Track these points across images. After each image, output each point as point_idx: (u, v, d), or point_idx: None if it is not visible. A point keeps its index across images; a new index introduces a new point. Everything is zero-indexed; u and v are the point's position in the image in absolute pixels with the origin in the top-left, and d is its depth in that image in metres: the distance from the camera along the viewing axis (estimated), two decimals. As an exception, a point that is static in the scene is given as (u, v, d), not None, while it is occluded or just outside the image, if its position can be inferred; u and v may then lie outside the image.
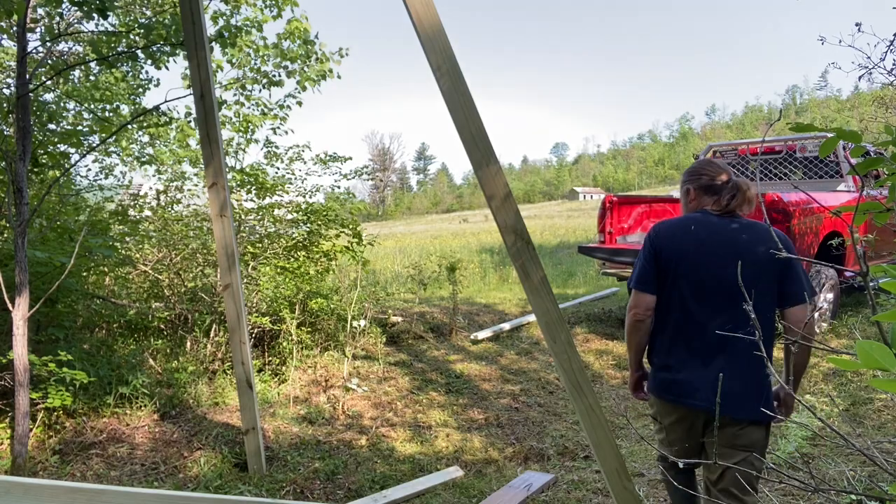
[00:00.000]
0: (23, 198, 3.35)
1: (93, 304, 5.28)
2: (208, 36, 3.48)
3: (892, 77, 3.23)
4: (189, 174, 6.44)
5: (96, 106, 5.54)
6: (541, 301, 2.39)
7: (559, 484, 3.58)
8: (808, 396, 4.62)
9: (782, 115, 1.73)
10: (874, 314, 0.81)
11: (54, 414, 4.06)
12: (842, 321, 6.33)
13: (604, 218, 6.85)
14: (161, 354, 5.12)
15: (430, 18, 2.35)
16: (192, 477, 3.70)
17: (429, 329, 6.91)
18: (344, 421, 4.65)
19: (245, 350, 3.61)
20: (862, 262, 0.93)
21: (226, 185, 3.47)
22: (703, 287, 2.11)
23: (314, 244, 6.19)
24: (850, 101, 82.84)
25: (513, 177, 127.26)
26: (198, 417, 4.44)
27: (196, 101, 3.35)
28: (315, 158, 6.37)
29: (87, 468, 3.68)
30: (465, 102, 2.36)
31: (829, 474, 3.25)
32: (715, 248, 2.11)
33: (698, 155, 8.44)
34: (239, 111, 6.50)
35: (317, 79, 6.58)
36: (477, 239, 23.66)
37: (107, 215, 5.34)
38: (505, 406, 5.02)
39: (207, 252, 5.70)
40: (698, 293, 2.12)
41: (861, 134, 1.29)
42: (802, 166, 7.30)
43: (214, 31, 4.92)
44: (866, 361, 0.72)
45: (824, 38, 3.11)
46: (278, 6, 6.06)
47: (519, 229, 2.39)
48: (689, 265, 2.13)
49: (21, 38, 3.47)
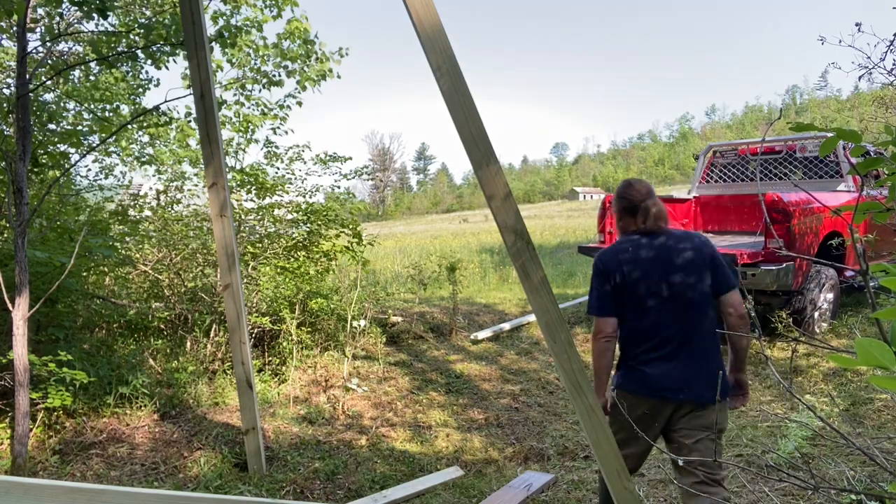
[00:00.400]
0: (23, 198, 3.35)
1: (93, 304, 5.28)
2: (208, 36, 3.48)
3: (892, 77, 3.23)
4: (189, 174, 6.44)
5: (96, 106, 5.54)
6: (541, 301, 2.39)
7: (559, 484, 3.58)
8: (809, 396, 4.62)
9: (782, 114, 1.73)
10: (874, 313, 0.81)
11: (54, 414, 4.06)
12: (842, 321, 6.33)
13: (604, 218, 6.85)
14: (161, 354, 5.12)
15: (430, 18, 2.35)
16: (192, 477, 3.70)
17: (429, 329, 6.92)
18: (344, 421, 4.65)
19: (245, 350, 3.61)
20: (862, 261, 0.93)
21: (226, 185, 3.47)
22: (654, 295, 2.40)
23: (314, 244, 6.19)
24: (850, 101, 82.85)
25: (513, 177, 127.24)
26: (198, 417, 4.44)
27: (196, 101, 3.35)
28: (315, 158, 6.38)
29: (87, 468, 3.68)
30: (465, 102, 2.36)
31: (830, 474, 3.25)
32: (652, 262, 2.43)
33: (698, 155, 8.45)
34: (239, 111, 6.50)
35: (317, 79, 6.59)
36: (477, 239, 23.66)
37: (107, 215, 5.34)
38: (505, 406, 5.02)
39: (207, 252, 5.70)
40: (650, 301, 2.41)
41: (861, 134, 1.29)
42: (802, 166, 7.30)
43: (214, 31, 4.92)
44: (866, 359, 0.72)
45: (824, 38, 3.12)
46: (278, 6, 6.06)
47: (519, 229, 2.39)
48: (637, 280, 2.42)
49: (21, 38, 3.47)
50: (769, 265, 5.51)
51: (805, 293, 5.83)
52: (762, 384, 5.09)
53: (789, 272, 5.51)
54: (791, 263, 5.49)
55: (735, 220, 7.71)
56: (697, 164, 8.27)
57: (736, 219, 7.70)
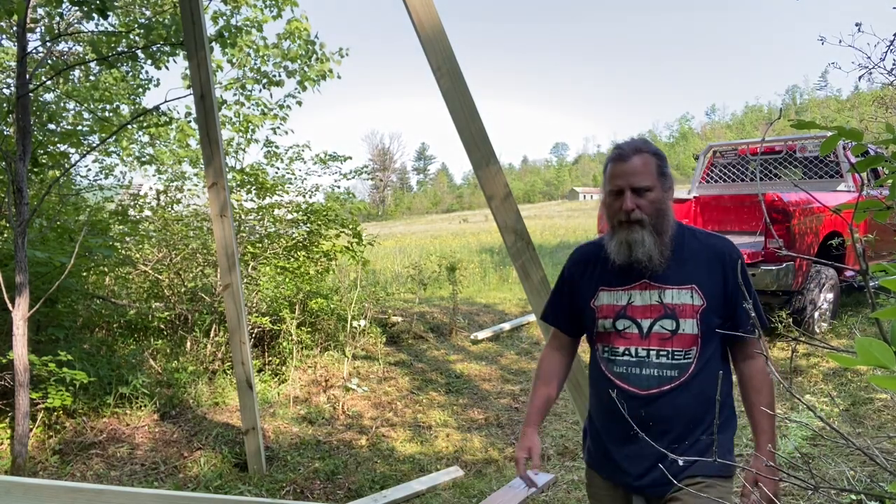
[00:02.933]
0: (23, 198, 3.35)
1: (93, 304, 5.28)
2: (208, 36, 3.48)
3: (892, 77, 3.23)
4: (189, 174, 6.45)
5: (96, 106, 5.55)
6: (541, 301, 2.40)
7: (559, 484, 3.58)
8: (809, 396, 4.62)
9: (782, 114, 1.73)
10: (874, 313, 0.81)
11: (54, 414, 4.06)
12: (842, 321, 6.33)
13: (604, 218, 6.84)
14: (161, 354, 5.12)
15: (431, 19, 2.36)
16: (192, 477, 3.70)
17: (429, 329, 6.92)
18: (344, 421, 4.65)
19: (245, 350, 3.61)
20: (861, 261, 0.93)
21: (226, 185, 3.48)
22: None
23: (314, 244, 6.19)
24: (850, 101, 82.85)
25: (513, 177, 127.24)
26: (198, 417, 4.44)
27: (196, 101, 3.35)
28: (315, 158, 6.38)
29: (87, 468, 3.68)
30: (465, 103, 2.36)
31: (830, 474, 3.25)
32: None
33: (698, 155, 8.45)
34: (239, 111, 6.51)
35: (317, 79, 6.59)
36: (477, 239, 23.65)
37: (107, 215, 5.34)
38: (505, 406, 5.02)
39: (207, 252, 5.70)
40: None
41: (861, 133, 1.29)
42: (802, 166, 7.30)
43: (214, 31, 4.93)
44: (865, 359, 0.72)
45: (824, 38, 3.12)
46: (278, 6, 6.07)
47: (519, 229, 2.39)
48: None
49: (21, 38, 3.47)
50: (769, 265, 5.51)
51: (805, 293, 5.83)
52: (762, 384, 5.09)
53: (789, 272, 5.51)
54: (791, 263, 5.49)
55: (735, 220, 7.70)
56: (697, 164, 8.27)
57: (736, 219, 7.69)
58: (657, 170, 1.66)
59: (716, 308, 1.65)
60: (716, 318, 1.64)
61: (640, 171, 1.63)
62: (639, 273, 1.68)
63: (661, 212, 1.66)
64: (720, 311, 1.66)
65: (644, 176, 1.63)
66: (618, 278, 1.72)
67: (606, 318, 1.73)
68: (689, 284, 1.66)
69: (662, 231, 1.66)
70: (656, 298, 1.67)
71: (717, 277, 1.67)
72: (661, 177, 1.67)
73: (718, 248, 1.70)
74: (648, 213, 1.63)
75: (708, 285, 1.66)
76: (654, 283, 1.68)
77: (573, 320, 1.86)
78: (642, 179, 1.63)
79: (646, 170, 1.64)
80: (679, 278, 1.67)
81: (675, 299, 1.66)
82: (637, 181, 1.63)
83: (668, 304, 1.66)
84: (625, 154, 1.65)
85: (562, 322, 1.91)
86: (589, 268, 1.81)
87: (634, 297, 1.69)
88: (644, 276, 1.69)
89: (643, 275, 1.68)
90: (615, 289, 1.73)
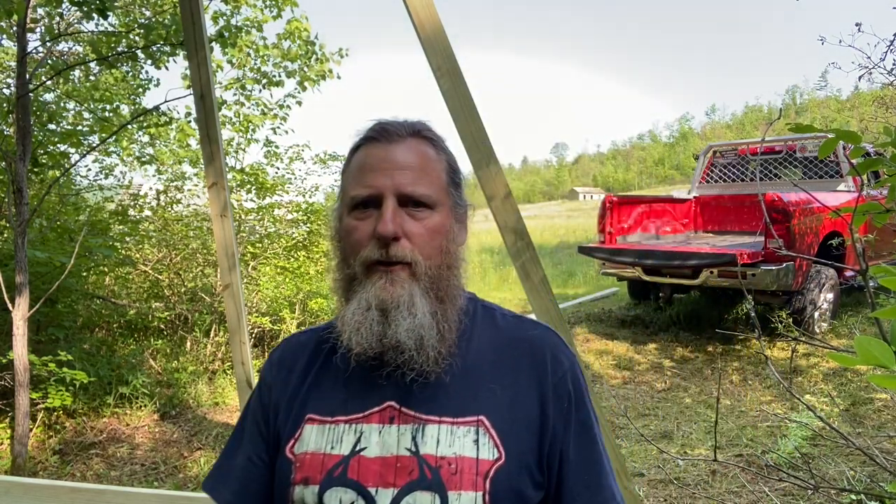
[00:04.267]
0: (23, 198, 3.35)
1: (93, 304, 5.29)
2: (208, 36, 3.48)
3: (892, 77, 3.23)
4: (189, 174, 6.45)
5: (96, 106, 5.55)
6: (541, 301, 2.39)
7: None
8: (809, 396, 4.62)
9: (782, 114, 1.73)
10: (874, 312, 0.81)
11: (54, 414, 4.06)
12: (842, 321, 6.33)
13: (604, 218, 6.85)
14: (161, 354, 5.12)
15: (431, 19, 2.36)
16: (192, 477, 3.70)
17: (429, 329, 6.91)
18: (344, 421, 4.64)
19: (245, 350, 3.60)
20: (861, 260, 0.93)
21: (226, 185, 3.47)
22: None
23: (314, 244, 6.20)
24: (850, 101, 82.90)
25: (513, 177, 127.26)
26: (198, 417, 4.44)
27: (196, 101, 3.34)
28: (315, 158, 6.38)
29: (87, 468, 3.68)
30: (465, 103, 2.36)
31: (830, 474, 3.25)
32: None
33: (698, 155, 8.46)
34: (239, 111, 6.51)
35: (317, 79, 6.59)
36: (477, 239, 23.65)
37: (107, 215, 5.35)
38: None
39: (207, 252, 5.70)
40: None
41: (861, 134, 1.29)
42: (802, 166, 7.30)
43: (214, 31, 4.93)
44: (866, 358, 0.72)
45: (824, 38, 3.12)
46: (278, 6, 6.07)
47: (519, 229, 2.39)
48: None
49: (21, 38, 3.47)
50: (769, 265, 5.51)
51: (805, 293, 5.83)
52: (762, 384, 5.09)
53: (789, 272, 5.52)
54: (791, 263, 5.49)
55: (735, 220, 7.71)
56: (697, 164, 8.28)
57: (736, 219, 7.70)
58: (448, 177, 0.91)
59: (522, 467, 0.83)
60: (524, 489, 0.83)
61: (417, 167, 0.86)
62: (388, 384, 0.85)
63: (448, 256, 0.88)
64: (531, 473, 0.84)
65: (422, 177, 0.86)
66: (343, 396, 0.87)
67: (308, 483, 0.83)
68: (475, 416, 0.84)
69: (446, 296, 0.86)
70: (407, 444, 0.82)
71: (531, 406, 0.86)
72: (452, 190, 0.92)
73: (537, 348, 0.90)
74: (425, 253, 0.84)
75: (510, 421, 0.84)
76: (409, 411, 0.84)
77: (254, 487, 0.92)
78: (419, 182, 0.85)
79: (427, 168, 0.87)
80: (456, 404, 0.84)
81: (442, 448, 0.81)
82: (409, 183, 0.84)
83: (429, 457, 0.81)
84: (391, 132, 0.88)
85: (229, 492, 0.93)
86: (294, 374, 0.93)
87: (368, 437, 0.83)
88: (390, 396, 0.85)
89: (394, 389, 0.85)
90: (334, 419, 0.86)
